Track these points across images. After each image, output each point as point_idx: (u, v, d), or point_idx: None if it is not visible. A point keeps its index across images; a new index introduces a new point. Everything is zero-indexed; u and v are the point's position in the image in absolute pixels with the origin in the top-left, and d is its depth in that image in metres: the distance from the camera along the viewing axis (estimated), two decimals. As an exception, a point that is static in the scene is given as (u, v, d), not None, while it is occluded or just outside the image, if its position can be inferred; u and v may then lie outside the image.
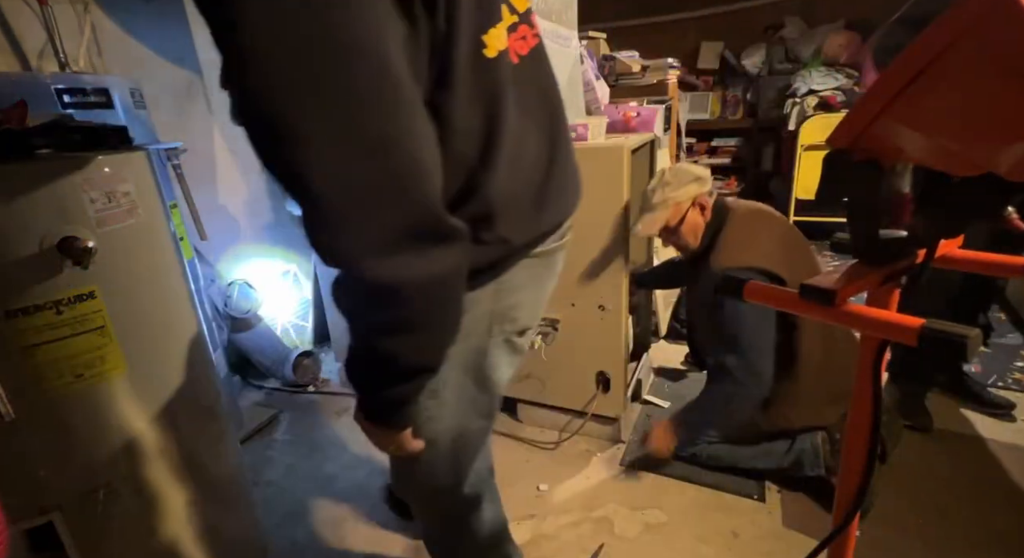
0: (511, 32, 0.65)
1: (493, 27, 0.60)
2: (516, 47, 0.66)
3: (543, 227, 0.73)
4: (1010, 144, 0.49)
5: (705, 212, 1.53)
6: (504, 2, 0.65)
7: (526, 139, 0.67)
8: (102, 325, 0.95)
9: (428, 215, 0.51)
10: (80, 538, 0.98)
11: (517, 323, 0.79)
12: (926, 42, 0.45)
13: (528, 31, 0.69)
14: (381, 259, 0.50)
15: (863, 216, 0.64)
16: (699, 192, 1.51)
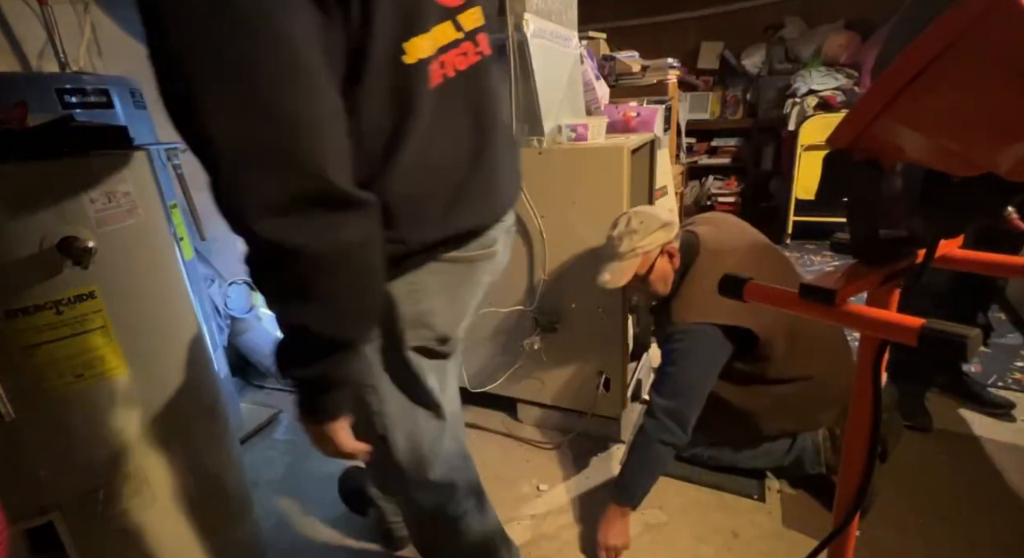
0: (452, 47, 0.70)
1: (416, 36, 0.64)
2: (454, 61, 0.70)
3: (447, 232, 0.74)
4: (1010, 144, 0.49)
5: (674, 259, 1.45)
6: (448, 19, 0.70)
7: (442, 146, 0.70)
8: (102, 325, 0.95)
9: (320, 182, 0.54)
10: (80, 538, 0.98)
11: (433, 330, 0.80)
12: (926, 42, 0.45)
13: (471, 49, 0.73)
14: (273, 220, 0.53)
15: (863, 216, 0.64)
16: (667, 239, 1.42)
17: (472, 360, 1.89)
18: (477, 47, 0.74)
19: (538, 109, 1.54)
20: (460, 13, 0.72)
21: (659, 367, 1.44)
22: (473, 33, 0.74)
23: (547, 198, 1.61)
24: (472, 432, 1.94)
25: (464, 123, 0.73)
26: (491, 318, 1.82)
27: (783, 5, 4.11)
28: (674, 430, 1.33)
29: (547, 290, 1.71)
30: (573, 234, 1.62)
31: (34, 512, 0.94)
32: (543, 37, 1.54)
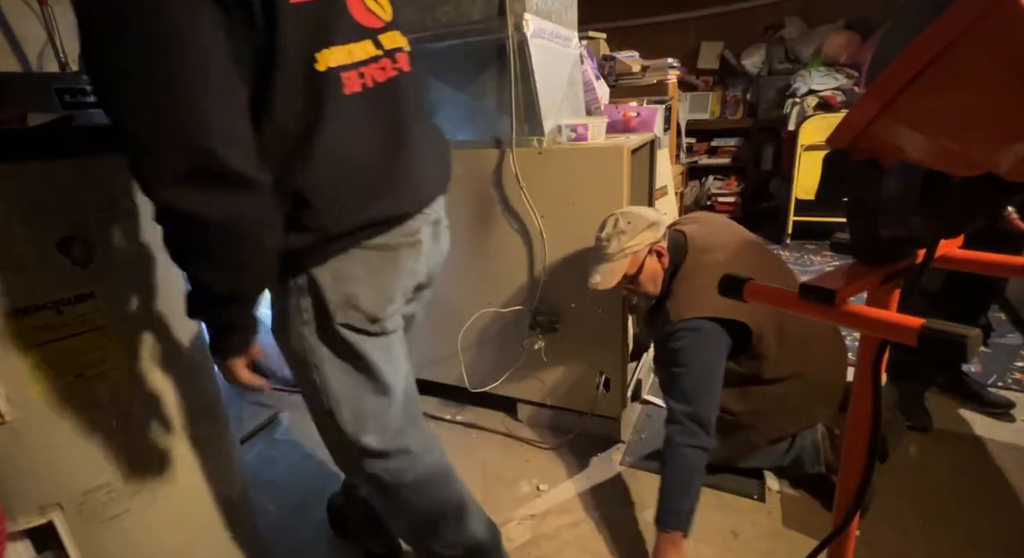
0: (372, 62, 0.82)
1: (329, 47, 0.75)
2: (373, 74, 0.82)
3: (364, 220, 0.82)
4: (1010, 144, 0.49)
5: (663, 259, 1.45)
6: (369, 38, 0.82)
7: (356, 144, 0.80)
8: (102, 325, 0.95)
9: (210, 160, 0.64)
10: (80, 538, 0.98)
11: (360, 311, 0.87)
12: (926, 42, 0.45)
13: (389, 64, 0.85)
14: (170, 190, 0.65)
15: (863, 216, 0.64)
16: (654, 238, 1.42)
17: (472, 360, 1.89)
18: (395, 64, 0.86)
19: (538, 109, 1.54)
20: (381, 34, 0.84)
21: (663, 369, 1.42)
22: (392, 52, 0.86)
23: (547, 198, 1.61)
24: (472, 432, 1.94)
25: (379, 125, 0.83)
26: (491, 318, 1.82)
27: (783, 5, 4.11)
28: (697, 433, 1.30)
29: (547, 290, 1.71)
30: (573, 234, 1.62)
31: (34, 512, 0.94)
32: (543, 37, 1.54)
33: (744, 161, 4.46)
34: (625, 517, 1.49)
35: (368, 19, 0.82)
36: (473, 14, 1.51)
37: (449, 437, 1.92)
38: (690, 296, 1.37)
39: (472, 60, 1.57)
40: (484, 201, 1.71)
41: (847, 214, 0.65)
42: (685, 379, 1.34)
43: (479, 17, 1.50)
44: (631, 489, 1.60)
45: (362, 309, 0.87)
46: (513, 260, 1.73)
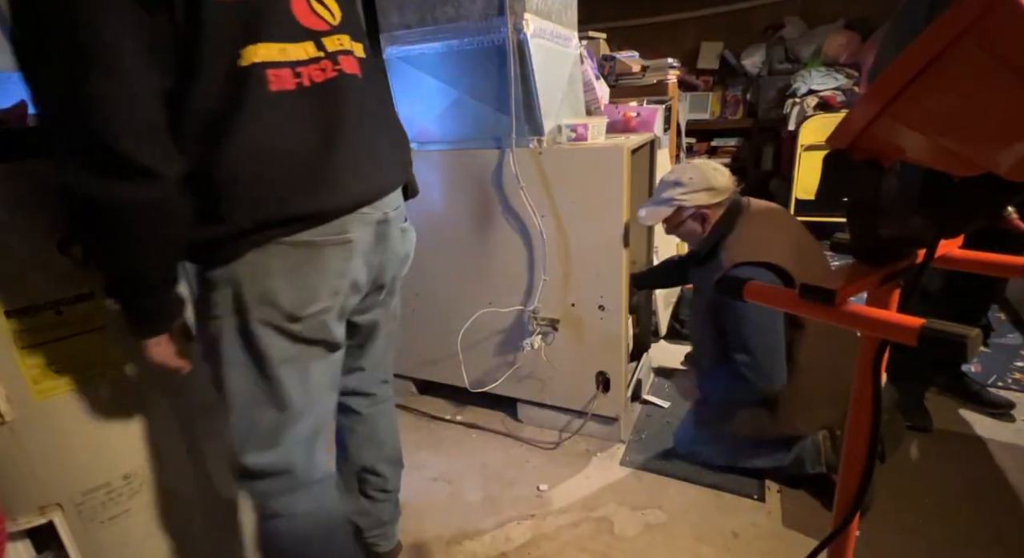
0: (312, 63, 0.83)
1: (256, 44, 0.76)
2: (311, 74, 0.83)
3: (280, 215, 0.81)
4: (1010, 144, 0.49)
5: (706, 223, 1.52)
6: (311, 39, 0.84)
7: (279, 141, 0.80)
8: (102, 325, 0.95)
9: (106, 149, 0.67)
10: (80, 538, 0.98)
11: (278, 308, 0.86)
12: (926, 42, 0.45)
13: (330, 66, 0.86)
14: (70, 169, 0.68)
15: (863, 216, 0.64)
16: (706, 202, 1.49)
17: (472, 360, 1.89)
18: (336, 66, 0.87)
19: (538, 109, 1.54)
20: (325, 37, 0.86)
21: (728, 321, 1.45)
22: (335, 54, 0.87)
23: (547, 198, 1.61)
24: (472, 432, 1.94)
25: (311, 124, 0.83)
26: (491, 318, 1.82)
27: (783, 5, 4.11)
28: (761, 384, 1.39)
29: (547, 290, 1.71)
30: (573, 234, 1.62)
31: (34, 512, 0.94)
32: (543, 37, 1.54)
33: (744, 161, 4.46)
34: (625, 517, 1.49)
35: (312, 22, 0.84)
36: (473, 14, 1.51)
37: (449, 437, 1.92)
38: (744, 246, 1.42)
39: (472, 60, 1.57)
40: (484, 201, 1.70)
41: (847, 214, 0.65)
42: (749, 335, 1.39)
43: (479, 17, 1.50)
44: (631, 489, 1.60)
45: (280, 306, 0.86)
46: (513, 260, 1.73)
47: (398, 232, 1.04)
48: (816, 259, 1.49)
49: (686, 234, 1.57)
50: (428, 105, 1.69)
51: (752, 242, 1.42)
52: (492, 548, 1.42)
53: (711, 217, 1.51)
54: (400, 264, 1.09)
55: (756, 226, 1.47)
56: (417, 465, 1.75)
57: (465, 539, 1.46)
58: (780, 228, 1.49)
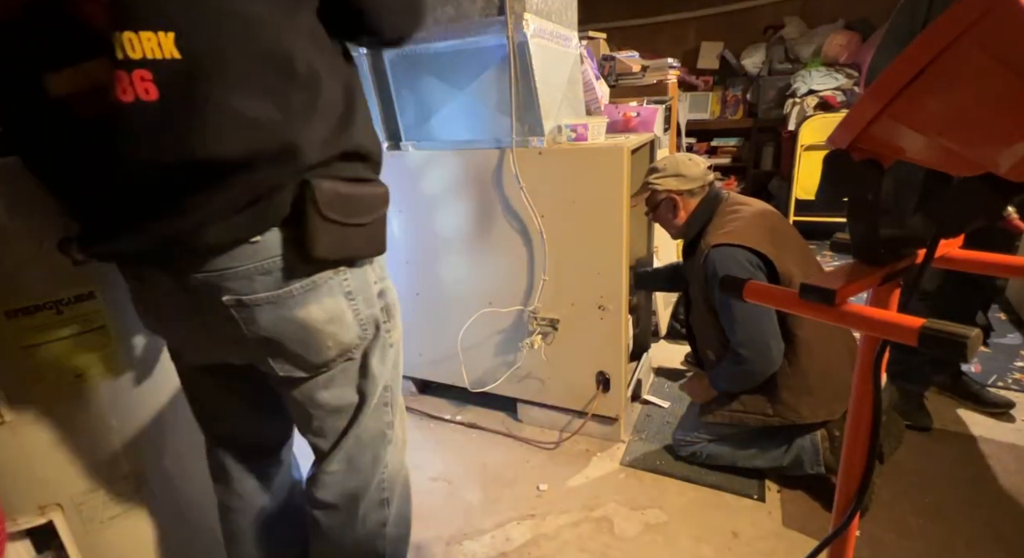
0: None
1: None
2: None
3: (93, 254, 0.75)
4: (1010, 144, 0.49)
5: (677, 210, 1.64)
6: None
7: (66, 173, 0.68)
8: (102, 325, 0.95)
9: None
10: (80, 538, 0.98)
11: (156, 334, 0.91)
12: (926, 42, 0.45)
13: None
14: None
15: (863, 216, 0.64)
16: (676, 188, 1.61)
17: (472, 360, 1.89)
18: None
19: (538, 109, 1.54)
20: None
21: (718, 306, 1.51)
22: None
23: (547, 198, 1.61)
24: (472, 432, 1.94)
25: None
26: (491, 318, 1.82)
27: (783, 5, 4.11)
28: (758, 361, 1.44)
29: (547, 290, 1.71)
30: (573, 234, 1.62)
31: (34, 512, 0.94)
32: (543, 37, 1.54)
33: (744, 161, 4.46)
34: (625, 517, 1.49)
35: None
36: (473, 14, 1.51)
37: (449, 437, 1.92)
38: (721, 231, 1.51)
39: (472, 60, 1.57)
40: (484, 201, 1.70)
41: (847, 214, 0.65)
42: (738, 314, 1.44)
43: (479, 17, 1.50)
44: (631, 489, 1.60)
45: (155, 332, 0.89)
46: (513, 260, 1.73)
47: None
48: (793, 244, 1.53)
49: (661, 219, 1.71)
50: (428, 105, 1.69)
51: (728, 226, 1.50)
52: (492, 548, 1.42)
53: (681, 204, 1.63)
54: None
55: (733, 214, 1.55)
56: (417, 465, 1.75)
57: (465, 539, 1.46)
58: (757, 216, 1.55)
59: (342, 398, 0.86)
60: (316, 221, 0.69)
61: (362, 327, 0.82)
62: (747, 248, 1.43)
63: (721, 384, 1.56)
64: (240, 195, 0.66)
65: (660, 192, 1.63)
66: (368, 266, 0.82)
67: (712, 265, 1.46)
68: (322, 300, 0.76)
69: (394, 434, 0.95)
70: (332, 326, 0.78)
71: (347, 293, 0.79)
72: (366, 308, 0.82)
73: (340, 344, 0.80)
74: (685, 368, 2.25)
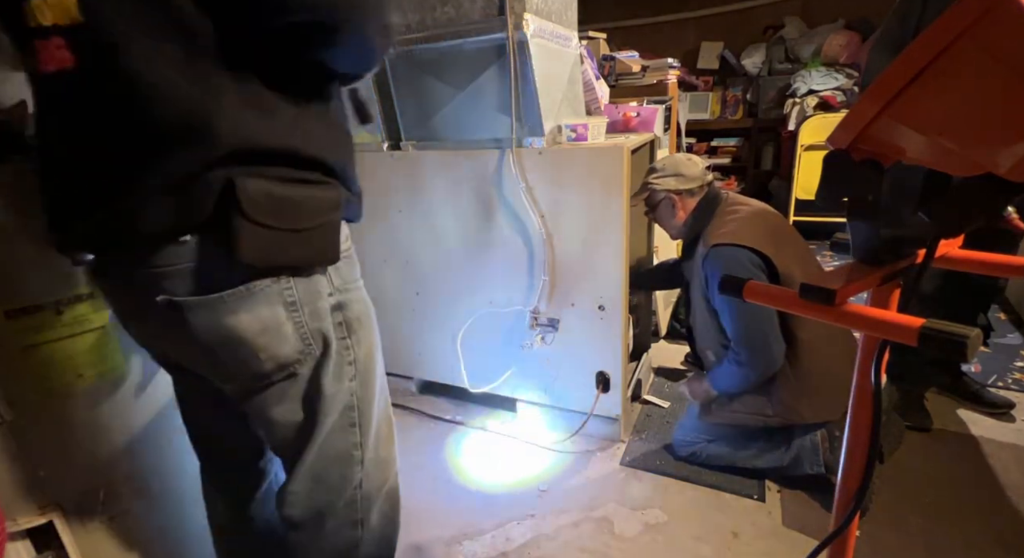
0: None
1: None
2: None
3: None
4: (1010, 144, 0.49)
5: (676, 209, 1.64)
6: None
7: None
8: (102, 325, 0.95)
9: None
10: (80, 538, 0.98)
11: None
12: (926, 42, 0.45)
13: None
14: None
15: (863, 216, 0.64)
16: (675, 187, 1.62)
17: (472, 360, 1.89)
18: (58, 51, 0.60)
19: (538, 109, 1.54)
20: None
21: (718, 306, 1.52)
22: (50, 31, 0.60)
23: (547, 198, 1.61)
24: (472, 432, 1.94)
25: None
26: (491, 318, 1.82)
27: (783, 5, 4.11)
28: (759, 365, 1.44)
29: (547, 290, 1.71)
30: (573, 234, 1.62)
31: (34, 512, 0.94)
32: (543, 37, 1.54)
33: (744, 161, 4.47)
34: (625, 517, 1.49)
35: None
36: (473, 14, 1.51)
37: (449, 437, 1.91)
38: (721, 231, 1.50)
39: (472, 60, 1.57)
40: (484, 201, 1.70)
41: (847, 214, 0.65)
42: (739, 317, 1.44)
43: (479, 17, 1.50)
44: (631, 489, 1.60)
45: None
46: (513, 260, 1.73)
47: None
48: (793, 244, 1.53)
49: (660, 219, 1.72)
50: (428, 105, 1.69)
51: (728, 226, 1.50)
52: (492, 548, 1.42)
53: (680, 204, 1.64)
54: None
55: (732, 214, 1.55)
56: (417, 465, 1.75)
57: (465, 539, 1.46)
58: (756, 215, 1.55)
59: (291, 416, 0.80)
60: (239, 222, 0.64)
61: (304, 341, 0.75)
62: (747, 248, 1.42)
63: (721, 385, 1.56)
64: (154, 178, 0.63)
65: (659, 192, 1.64)
66: (320, 275, 0.76)
67: (712, 265, 1.46)
68: (256, 309, 0.70)
69: (365, 454, 0.88)
70: (264, 338, 0.72)
71: (288, 303, 0.72)
72: (312, 321, 0.75)
73: (274, 358, 0.74)
74: (685, 368, 2.25)
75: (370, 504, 0.91)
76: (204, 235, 0.66)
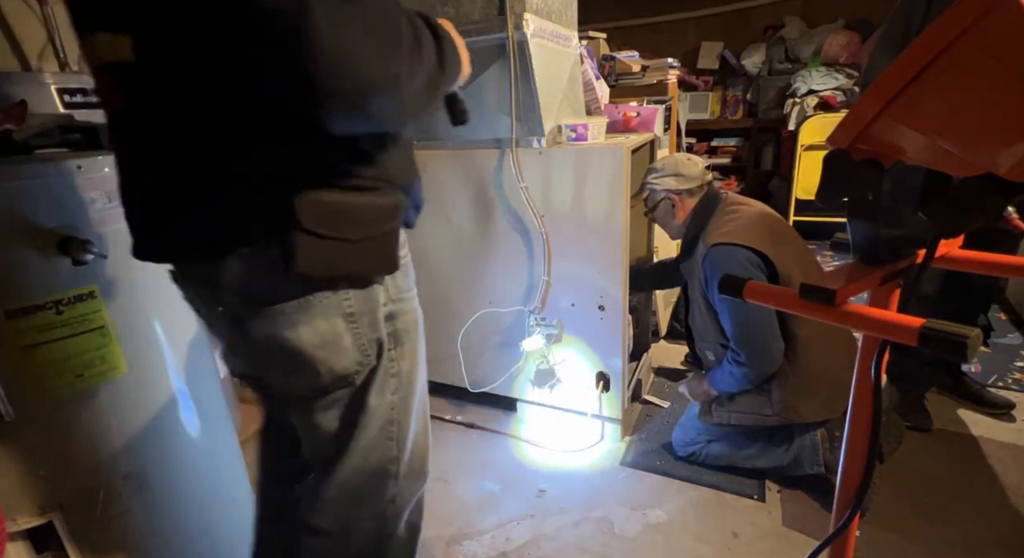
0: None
1: None
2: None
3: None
4: (1010, 144, 0.49)
5: (676, 209, 1.65)
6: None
7: None
8: (102, 325, 0.95)
9: None
10: (80, 538, 0.98)
11: None
12: (926, 42, 0.45)
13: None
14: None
15: (863, 216, 0.64)
16: (675, 187, 1.63)
17: (472, 360, 1.89)
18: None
19: (538, 109, 1.54)
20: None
21: (717, 306, 1.52)
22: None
23: (547, 198, 1.61)
24: (472, 432, 1.94)
25: None
26: (491, 318, 1.82)
27: (783, 5, 4.11)
28: (759, 364, 1.44)
29: (547, 290, 1.71)
30: (573, 234, 1.62)
31: (34, 512, 0.94)
32: (543, 37, 1.54)
33: (744, 161, 4.47)
34: (625, 517, 1.49)
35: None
36: (473, 14, 1.51)
37: (449, 437, 1.91)
38: (721, 231, 1.51)
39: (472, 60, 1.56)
40: (484, 201, 1.70)
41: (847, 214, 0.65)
42: (738, 316, 1.44)
43: (479, 17, 1.50)
44: (631, 489, 1.60)
45: None
46: (513, 260, 1.73)
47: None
48: (792, 244, 1.53)
49: (660, 218, 1.73)
50: (428, 105, 1.69)
51: (728, 226, 1.50)
52: (492, 548, 1.42)
53: (680, 203, 1.63)
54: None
55: (732, 214, 1.55)
56: (417, 465, 1.75)
57: (465, 539, 1.46)
58: (755, 216, 1.55)
59: (331, 424, 0.78)
60: (295, 232, 0.62)
61: (363, 353, 0.74)
62: (747, 247, 1.43)
63: (720, 385, 1.56)
64: (212, 192, 0.63)
65: (659, 192, 1.65)
66: (378, 285, 0.74)
67: (712, 265, 1.46)
68: (314, 321, 0.68)
69: (400, 469, 0.85)
70: (324, 351, 0.70)
71: (347, 314, 0.70)
72: (370, 332, 0.74)
73: (332, 372, 0.72)
74: (685, 368, 2.25)
75: (399, 518, 0.88)
76: (262, 246, 0.64)
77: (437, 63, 0.63)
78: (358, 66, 0.50)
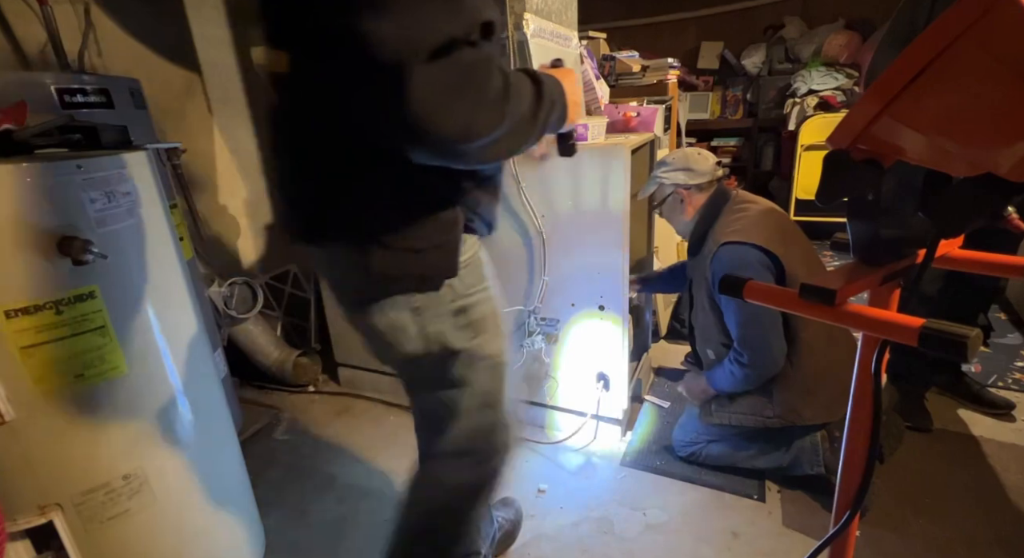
0: None
1: None
2: None
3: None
4: (1010, 144, 0.49)
5: (685, 205, 1.62)
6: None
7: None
8: (102, 325, 0.95)
9: None
10: (80, 538, 0.98)
11: None
12: (926, 42, 0.45)
13: None
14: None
15: (863, 216, 0.64)
16: (684, 182, 1.59)
17: (472, 360, 1.89)
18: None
19: (538, 109, 1.54)
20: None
21: (722, 306, 1.52)
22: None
23: (547, 198, 1.61)
24: (472, 432, 1.94)
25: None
26: (491, 318, 1.82)
27: (783, 5, 4.11)
28: (760, 366, 1.44)
29: (547, 290, 1.71)
30: (573, 234, 1.62)
31: (34, 512, 0.94)
32: (543, 37, 1.54)
33: (744, 161, 4.47)
34: (625, 517, 1.49)
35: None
36: (473, 14, 1.51)
37: (449, 437, 1.91)
38: (730, 229, 1.49)
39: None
40: (484, 201, 1.70)
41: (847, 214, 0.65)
42: (742, 317, 1.44)
43: (479, 17, 1.50)
44: (631, 489, 1.60)
45: None
46: (513, 260, 1.73)
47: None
48: (799, 244, 1.52)
49: (667, 214, 1.69)
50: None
51: (738, 224, 1.49)
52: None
53: (689, 199, 1.61)
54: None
55: (741, 212, 1.53)
56: (417, 465, 1.75)
57: (465, 539, 1.46)
58: (765, 214, 1.53)
59: (431, 402, 0.98)
60: (368, 243, 0.78)
61: (427, 341, 0.87)
62: (758, 247, 1.41)
63: (720, 385, 1.56)
64: (312, 198, 0.79)
65: (667, 186, 1.62)
66: (444, 286, 0.86)
67: (721, 263, 1.45)
68: (386, 312, 0.84)
69: (502, 435, 1.04)
70: (393, 335, 0.87)
71: (413, 309, 0.85)
72: (435, 323, 0.87)
73: (403, 353, 0.88)
74: (685, 368, 2.25)
75: (499, 469, 1.05)
76: (351, 249, 0.80)
77: (530, 114, 0.73)
78: (443, 119, 0.61)
